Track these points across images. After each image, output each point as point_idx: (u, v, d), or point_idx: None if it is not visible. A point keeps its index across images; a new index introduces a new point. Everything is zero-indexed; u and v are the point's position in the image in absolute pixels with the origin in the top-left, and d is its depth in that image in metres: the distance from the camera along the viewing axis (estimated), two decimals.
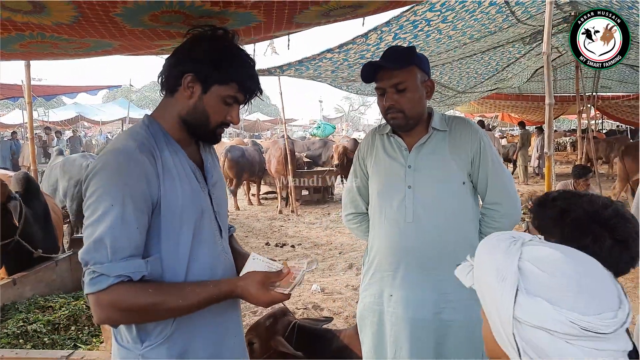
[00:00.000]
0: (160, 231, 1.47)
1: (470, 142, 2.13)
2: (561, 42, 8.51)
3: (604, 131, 22.92)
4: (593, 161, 9.60)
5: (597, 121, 21.00)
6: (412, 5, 4.66)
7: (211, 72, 1.49)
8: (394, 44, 6.08)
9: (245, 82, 1.53)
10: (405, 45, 6.29)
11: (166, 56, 1.58)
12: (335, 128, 29.21)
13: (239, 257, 1.76)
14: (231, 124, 1.63)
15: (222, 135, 1.72)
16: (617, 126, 23.82)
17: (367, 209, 2.34)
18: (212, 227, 1.61)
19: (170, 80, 1.54)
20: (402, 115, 2.07)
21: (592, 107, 14.47)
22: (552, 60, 9.70)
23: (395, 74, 2.04)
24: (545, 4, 4.04)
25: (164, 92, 1.59)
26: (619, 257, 1.15)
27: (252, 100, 1.63)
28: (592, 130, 13.71)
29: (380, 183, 2.21)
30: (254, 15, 1.73)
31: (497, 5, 5.48)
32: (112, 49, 2.03)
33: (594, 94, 12.91)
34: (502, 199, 2.13)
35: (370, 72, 2.09)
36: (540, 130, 16.22)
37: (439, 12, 5.21)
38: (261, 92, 1.61)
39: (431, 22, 5.51)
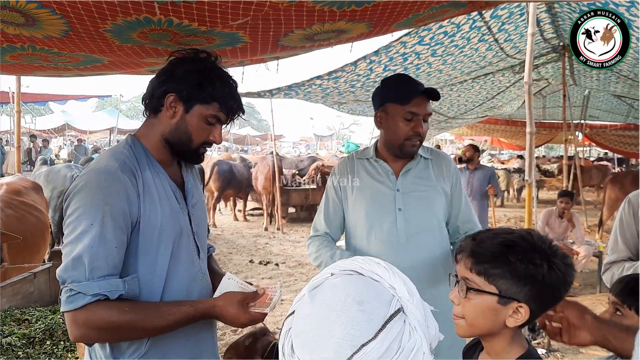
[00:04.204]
0: (138, 250, 1.48)
1: (450, 173, 2.32)
2: (551, 74, 8.65)
3: (592, 158, 23.19)
4: (579, 188, 9.71)
5: (584, 148, 21.24)
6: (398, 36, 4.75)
7: (193, 92, 1.52)
8: (384, 75, 6.16)
9: (227, 101, 1.56)
10: None
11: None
12: (358, 147, 29.70)
13: (217, 278, 1.76)
14: (214, 143, 1.64)
15: (211, 149, 1.75)
16: (605, 153, 24.09)
17: (327, 233, 2.41)
18: (190, 248, 1.62)
19: (153, 101, 1.57)
20: (420, 143, 2.21)
21: (580, 134, 14.68)
22: (542, 89, 9.87)
23: (428, 104, 2.17)
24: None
25: (147, 113, 1.61)
26: (571, 278, 1.22)
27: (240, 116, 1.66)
28: (580, 158, 13.85)
29: (367, 205, 2.25)
30: (240, 36, 1.76)
31: (487, 42, 5.58)
32: (102, 65, 2.04)
33: (582, 121, 13.10)
34: (474, 223, 2.37)
35: (407, 95, 2.15)
36: (521, 157, 16.69)
37: (427, 46, 5.30)
38: (243, 112, 1.64)
39: (421, 55, 5.60)
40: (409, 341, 0.83)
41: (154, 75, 1.60)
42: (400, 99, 2.14)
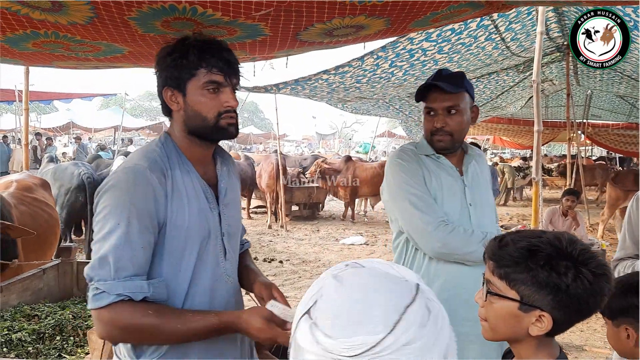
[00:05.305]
0: (163, 251, 1.48)
1: (488, 171, 2.35)
2: (555, 74, 8.66)
3: (594, 158, 23.18)
4: (582, 187, 9.72)
5: (586, 147, 21.24)
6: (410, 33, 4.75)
7: (176, 73, 1.50)
8: (390, 70, 6.16)
9: (210, 61, 1.48)
10: (401, 73, 6.38)
11: None
12: (375, 147, 29.84)
13: (251, 274, 1.75)
14: (231, 108, 1.53)
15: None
16: (607, 153, 24.07)
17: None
18: (217, 249, 1.59)
19: (163, 105, 1.57)
20: (449, 138, 2.13)
21: (582, 133, 14.69)
22: (544, 89, 9.88)
23: (448, 96, 2.09)
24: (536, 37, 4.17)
25: (169, 118, 1.61)
26: (603, 289, 1.13)
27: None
28: (582, 157, 13.86)
29: (443, 202, 2.19)
30: (262, 28, 1.75)
31: (494, 41, 5.59)
32: (122, 56, 2.04)
33: (584, 121, 13.11)
34: (496, 220, 2.39)
35: (421, 91, 2.12)
36: (524, 159, 16.67)
37: (434, 43, 5.29)
38: (237, 62, 1.56)
39: (427, 52, 5.59)
40: (435, 307, 0.83)
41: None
42: (421, 96, 2.13)
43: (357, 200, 12.59)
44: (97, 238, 1.41)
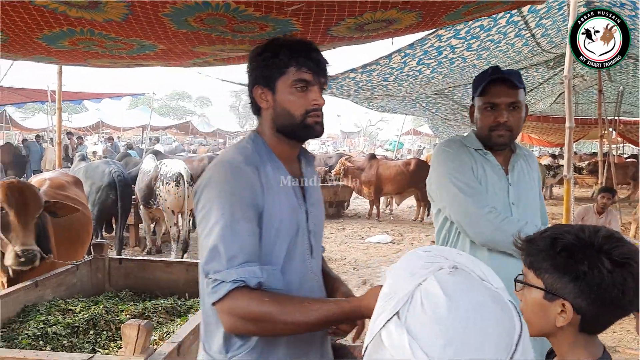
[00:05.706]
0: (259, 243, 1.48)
1: (537, 170, 2.32)
2: (585, 69, 8.49)
3: (625, 155, 22.67)
4: (613, 185, 9.51)
5: (617, 145, 20.75)
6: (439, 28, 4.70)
7: (266, 72, 1.53)
8: (417, 68, 6.11)
9: (299, 60, 1.51)
10: (429, 70, 6.32)
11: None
12: (403, 145, 29.88)
13: (334, 282, 1.74)
14: (318, 105, 1.55)
15: None
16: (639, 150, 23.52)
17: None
18: (304, 246, 1.59)
19: (253, 104, 1.60)
20: (509, 133, 2.14)
21: (613, 131, 14.36)
22: (575, 85, 9.70)
23: (513, 92, 2.09)
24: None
25: (258, 118, 1.63)
26: (626, 280, 1.10)
27: None
28: (614, 155, 13.55)
29: (487, 197, 2.18)
30: (293, 23, 1.76)
31: (523, 38, 5.50)
32: (154, 54, 2.07)
33: (616, 118, 12.82)
34: (547, 221, 2.37)
35: (483, 85, 2.11)
36: (554, 156, 16.26)
37: (463, 40, 5.22)
38: (326, 62, 1.58)
39: (455, 49, 5.52)
40: (524, 325, 0.81)
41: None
42: (479, 91, 2.12)
43: (382, 198, 12.54)
44: (204, 233, 1.43)
